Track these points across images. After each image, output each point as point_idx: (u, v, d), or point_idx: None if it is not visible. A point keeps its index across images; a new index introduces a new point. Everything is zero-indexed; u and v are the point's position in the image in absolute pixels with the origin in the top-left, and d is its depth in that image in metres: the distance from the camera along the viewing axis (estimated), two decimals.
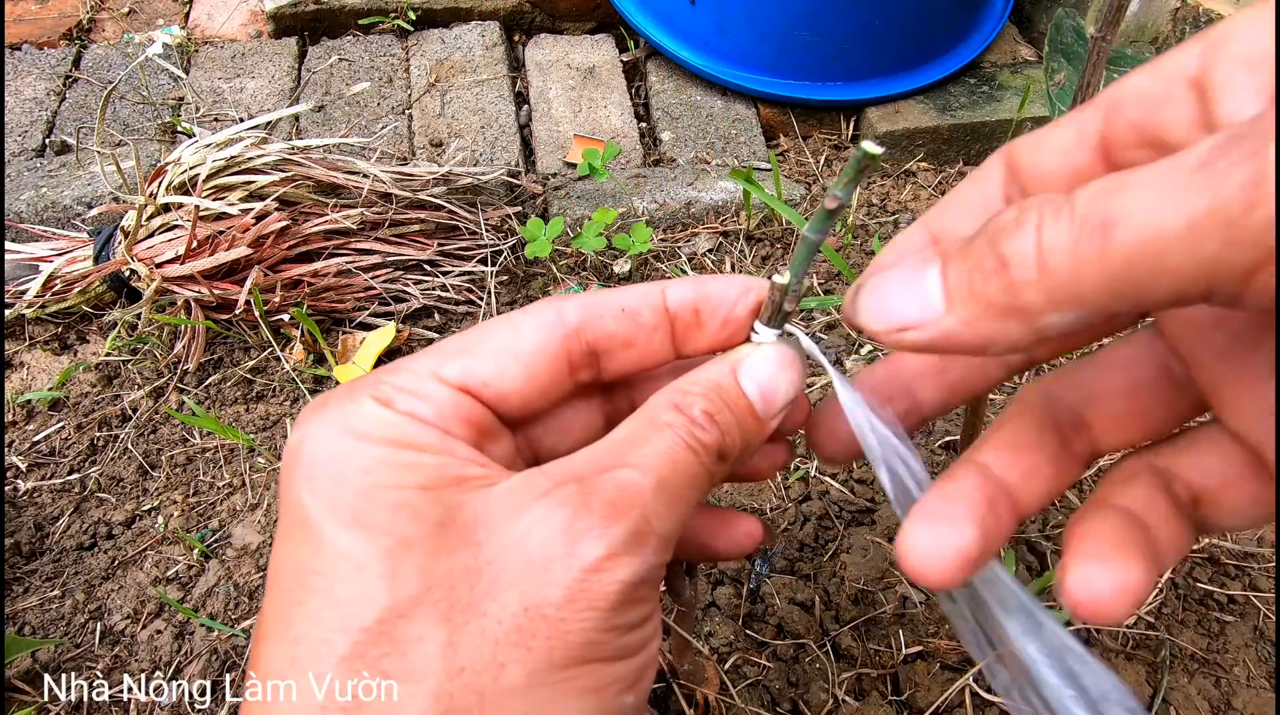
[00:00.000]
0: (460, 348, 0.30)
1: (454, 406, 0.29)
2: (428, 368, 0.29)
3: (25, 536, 0.85)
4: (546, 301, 0.31)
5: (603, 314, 0.31)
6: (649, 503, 0.27)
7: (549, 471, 0.28)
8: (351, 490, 0.26)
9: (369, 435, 0.27)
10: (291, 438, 0.29)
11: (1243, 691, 0.71)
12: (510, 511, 0.26)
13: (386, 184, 1.05)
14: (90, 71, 1.40)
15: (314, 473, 0.27)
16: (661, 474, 0.27)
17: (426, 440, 0.28)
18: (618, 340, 0.32)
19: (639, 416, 0.30)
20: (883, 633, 0.72)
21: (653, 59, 1.48)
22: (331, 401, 0.29)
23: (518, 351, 0.30)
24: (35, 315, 1.03)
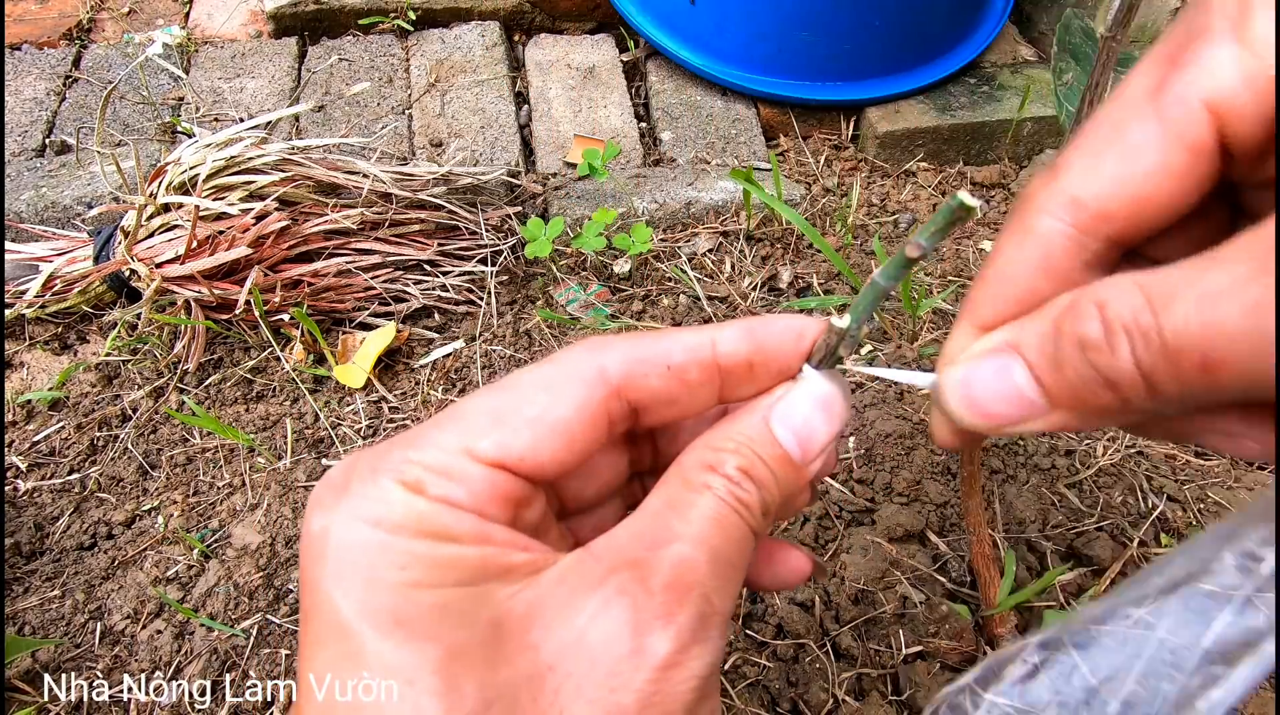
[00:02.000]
0: (491, 416, 0.27)
1: (489, 487, 0.26)
2: (457, 443, 0.26)
3: (25, 536, 0.85)
4: (586, 352, 0.28)
5: (647, 373, 0.28)
6: (706, 580, 0.25)
7: (597, 552, 0.26)
8: (389, 592, 0.24)
9: (402, 527, 0.25)
10: (312, 526, 0.26)
11: None
12: (565, 603, 0.25)
13: (386, 184, 1.05)
14: (90, 71, 1.40)
15: (343, 570, 0.25)
16: (713, 544, 0.26)
17: (464, 529, 0.25)
18: (661, 399, 0.29)
19: (672, 480, 0.28)
20: (883, 633, 0.72)
21: (653, 59, 1.48)
22: (354, 485, 0.26)
23: (556, 419, 0.27)
24: (35, 315, 1.03)
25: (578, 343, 0.29)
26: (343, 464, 0.28)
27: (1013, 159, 1.38)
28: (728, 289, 1.11)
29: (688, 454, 0.29)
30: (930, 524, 0.80)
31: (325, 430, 0.95)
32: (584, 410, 0.27)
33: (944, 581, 0.75)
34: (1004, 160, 1.37)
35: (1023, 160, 1.38)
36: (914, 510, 0.81)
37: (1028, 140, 1.36)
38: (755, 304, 1.09)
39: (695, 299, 1.10)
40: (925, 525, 0.80)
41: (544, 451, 0.27)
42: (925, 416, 0.92)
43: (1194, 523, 0.82)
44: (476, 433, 0.26)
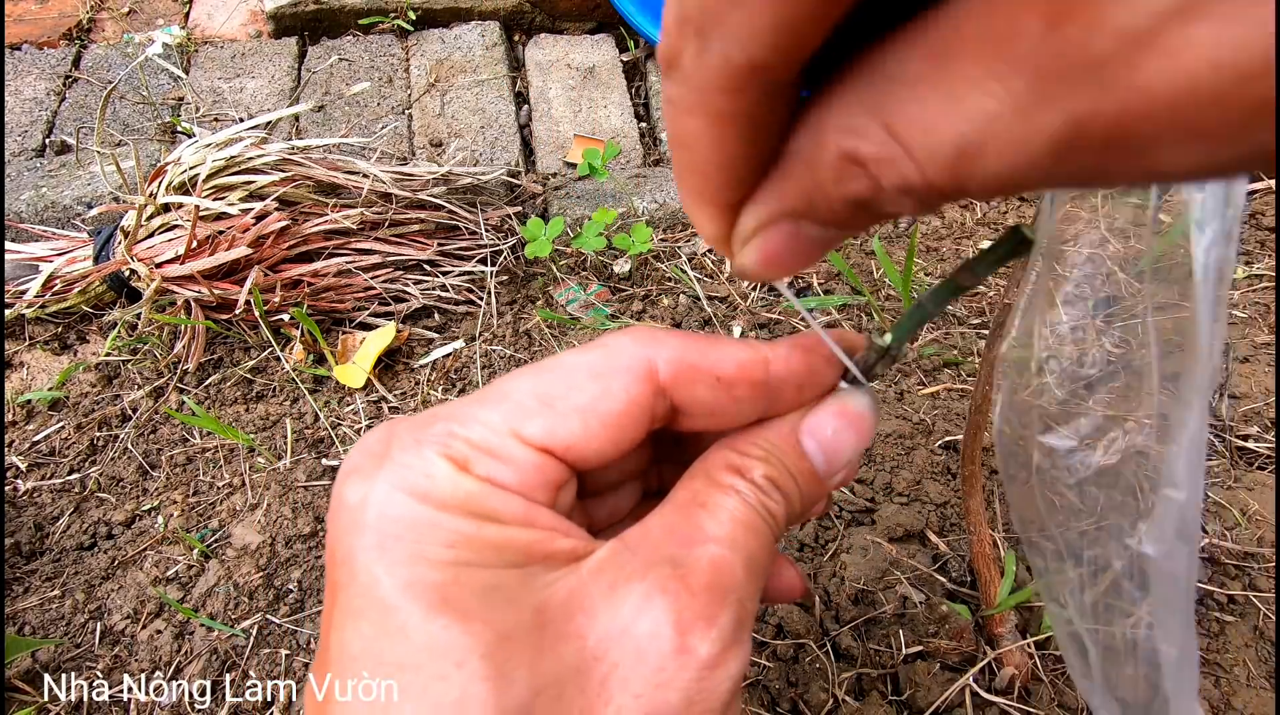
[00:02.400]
0: (539, 399, 0.26)
1: (537, 471, 0.26)
2: (505, 423, 0.26)
3: (25, 536, 0.85)
4: (637, 345, 0.27)
5: (696, 381, 0.28)
6: (742, 584, 0.25)
7: (632, 545, 0.26)
8: (436, 569, 0.23)
9: (448, 504, 0.24)
10: (348, 493, 0.25)
11: (1243, 691, 0.71)
12: (606, 595, 0.24)
13: (386, 184, 1.05)
14: (90, 71, 1.40)
15: (386, 543, 0.24)
16: (748, 549, 0.26)
17: (512, 511, 0.25)
18: (705, 409, 0.28)
19: (697, 475, 0.28)
20: (883, 633, 0.72)
21: (653, 59, 1.48)
22: (395, 451, 0.25)
23: (606, 411, 0.26)
24: (35, 315, 1.03)
25: (626, 331, 0.28)
26: (380, 431, 0.27)
27: None
28: (728, 289, 1.11)
29: (715, 453, 0.28)
30: (930, 524, 0.80)
31: (325, 430, 0.95)
32: (632, 405, 0.27)
33: (944, 581, 0.75)
34: None
35: None
36: (914, 510, 0.81)
37: None
38: (755, 304, 1.09)
39: (695, 299, 1.10)
40: (925, 525, 0.80)
41: (590, 441, 0.26)
42: (925, 417, 0.92)
43: None
44: (524, 414, 0.26)
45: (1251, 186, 1.30)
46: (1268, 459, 0.89)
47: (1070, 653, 0.28)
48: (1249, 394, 0.95)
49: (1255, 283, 1.12)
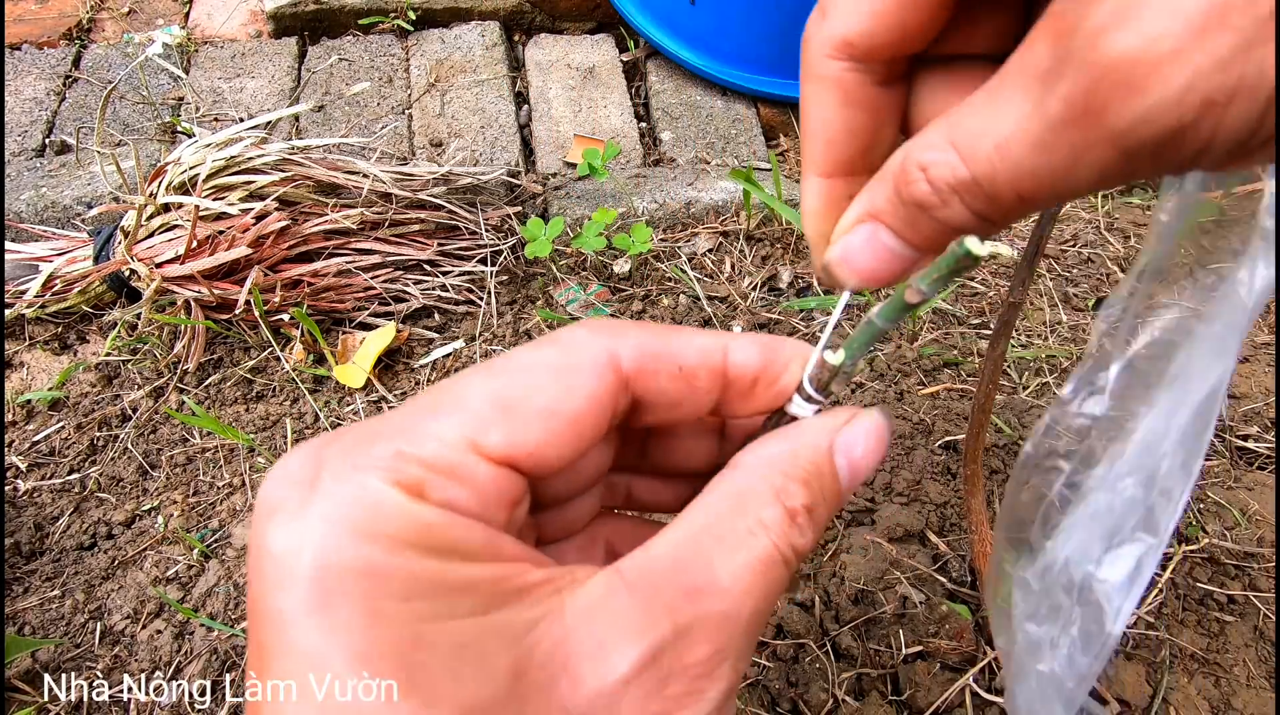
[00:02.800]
0: (496, 403, 0.23)
1: (497, 489, 0.23)
2: (459, 435, 0.22)
3: (25, 536, 0.85)
4: (595, 337, 0.26)
5: (658, 370, 0.26)
6: (739, 644, 0.23)
7: (630, 580, 0.23)
8: (397, 632, 0.19)
9: (402, 541, 0.20)
10: (274, 535, 0.20)
11: (1243, 691, 0.71)
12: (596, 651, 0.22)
13: (386, 184, 1.05)
14: (90, 71, 1.40)
15: (329, 600, 0.19)
16: (756, 603, 0.23)
17: (474, 543, 0.22)
18: (665, 399, 0.27)
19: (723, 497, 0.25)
20: (883, 633, 0.72)
21: (653, 59, 1.48)
22: (328, 484, 0.21)
23: (568, 411, 0.24)
24: (35, 315, 1.03)
25: (582, 324, 0.26)
26: (304, 454, 0.22)
27: None
28: (728, 289, 1.11)
29: (746, 473, 0.26)
30: (930, 524, 0.80)
31: (325, 430, 0.95)
32: (595, 402, 0.24)
33: (944, 581, 0.75)
34: None
35: None
36: (914, 510, 0.81)
37: None
38: (755, 304, 1.09)
39: (695, 299, 1.10)
40: (925, 525, 0.80)
41: (553, 447, 0.24)
42: (925, 417, 0.92)
43: (1193, 523, 0.82)
44: (483, 423, 0.23)
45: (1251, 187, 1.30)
46: (1268, 459, 0.89)
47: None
48: (1249, 394, 0.95)
49: None
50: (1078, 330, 1.06)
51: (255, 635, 0.21)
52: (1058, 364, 1.01)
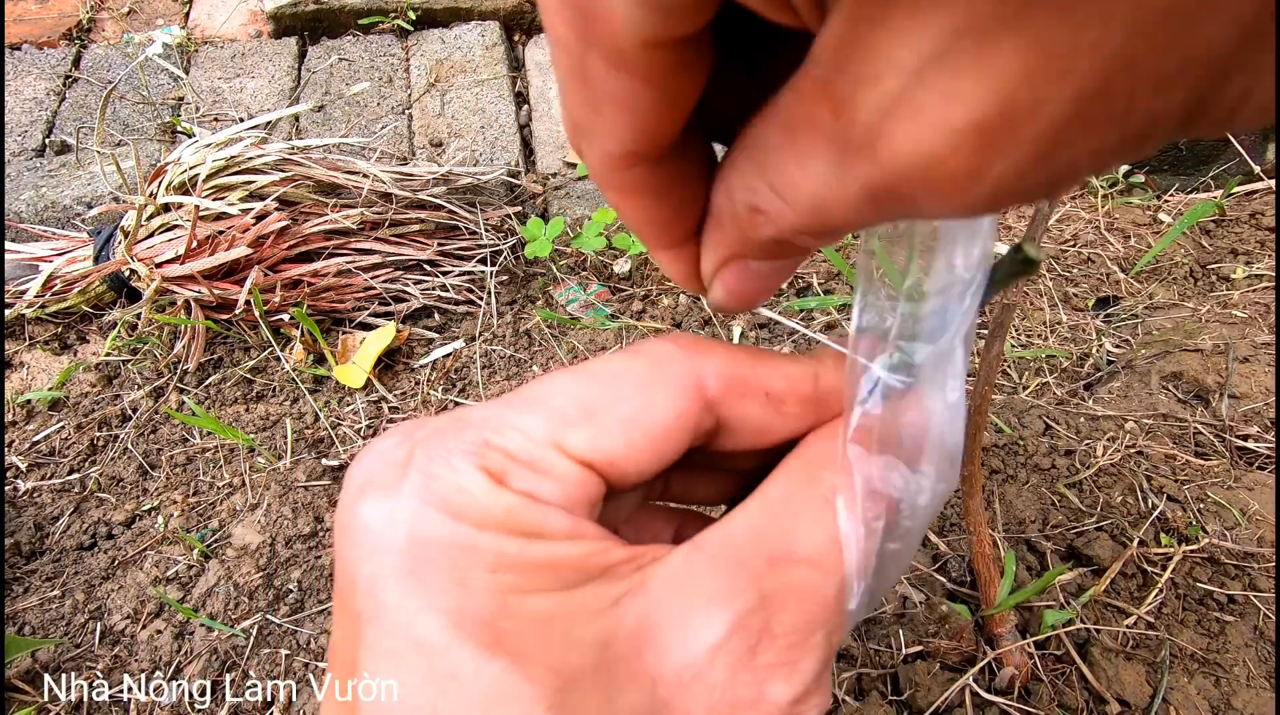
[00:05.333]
0: (582, 408, 0.24)
1: (580, 486, 0.23)
2: (544, 432, 0.23)
3: (25, 536, 0.85)
4: (683, 354, 0.25)
5: (745, 395, 0.26)
6: (831, 616, 0.23)
7: (711, 552, 0.23)
8: (482, 599, 0.20)
9: (488, 521, 0.21)
10: (368, 508, 0.22)
11: (1243, 691, 0.71)
12: (679, 622, 0.22)
13: (386, 184, 1.05)
14: (90, 71, 1.40)
15: (421, 569, 0.20)
16: (840, 577, 0.23)
17: (556, 526, 0.22)
18: (751, 425, 0.26)
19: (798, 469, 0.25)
20: (883, 633, 0.72)
21: None
22: (421, 463, 0.22)
23: (650, 425, 0.24)
24: (35, 315, 1.03)
25: (670, 339, 0.26)
26: (398, 436, 0.23)
27: None
28: None
29: (818, 441, 0.26)
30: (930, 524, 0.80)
31: (325, 430, 0.95)
32: (680, 420, 0.24)
33: (944, 581, 0.75)
34: None
35: None
36: None
37: None
38: None
39: (695, 299, 1.10)
40: None
41: (633, 457, 0.24)
42: None
43: (1194, 523, 0.82)
44: (566, 423, 0.23)
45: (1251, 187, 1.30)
46: (1268, 459, 0.89)
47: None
48: (1249, 394, 0.95)
49: (1255, 283, 1.12)
50: (1078, 330, 1.06)
51: (348, 603, 0.22)
52: (1057, 364, 1.01)
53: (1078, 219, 1.25)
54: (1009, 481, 0.85)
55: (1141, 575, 0.78)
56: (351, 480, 0.23)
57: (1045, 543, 0.79)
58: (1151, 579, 0.77)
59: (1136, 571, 0.78)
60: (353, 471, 0.23)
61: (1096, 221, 1.24)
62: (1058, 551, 0.79)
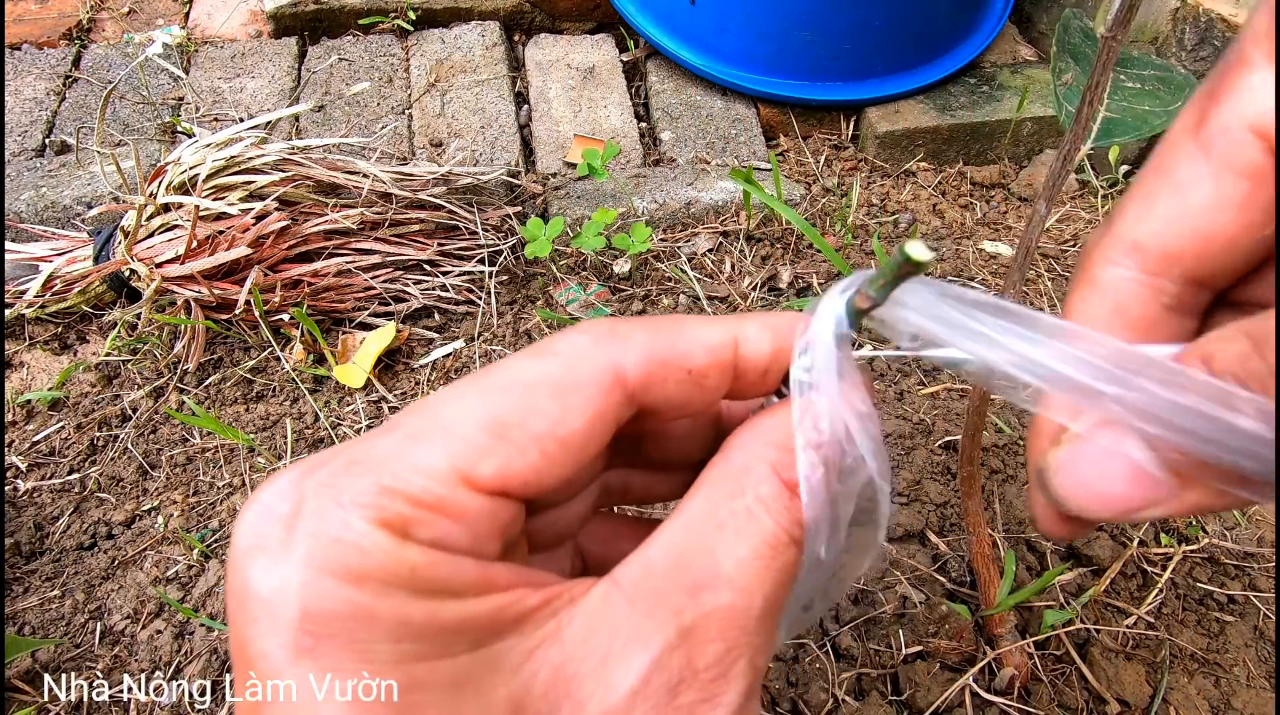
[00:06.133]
0: (490, 430, 0.21)
1: (489, 520, 0.21)
2: (448, 466, 0.21)
3: (25, 536, 0.85)
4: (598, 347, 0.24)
5: (667, 378, 0.24)
6: (754, 639, 0.22)
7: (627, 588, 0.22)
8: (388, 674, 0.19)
9: (390, 582, 0.19)
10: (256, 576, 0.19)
11: (1243, 691, 0.71)
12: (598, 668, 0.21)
13: (386, 184, 1.05)
14: (90, 71, 1.40)
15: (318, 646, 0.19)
16: (766, 592, 0.22)
17: (465, 579, 0.20)
18: (674, 404, 0.25)
19: (721, 480, 0.24)
20: (883, 633, 0.72)
21: (653, 59, 1.48)
22: (309, 522, 0.20)
23: (567, 435, 0.22)
24: (35, 315, 1.03)
25: (583, 329, 0.24)
26: (284, 485, 0.21)
27: (1012, 159, 1.38)
28: (728, 289, 1.11)
29: (740, 451, 0.24)
30: (930, 524, 0.80)
31: (325, 430, 0.95)
32: (598, 421, 0.23)
33: (944, 581, 0.75)
34: (1004, 160, 1.37)
35: (1022, 160, 1.38)
36: (914, 510, 0.81)
37: (1027, 140, 1.36)
38: (755, 304, 1.09)
39: (695, 299, 1.10)
40: (925, 525, 0.80)
41: (551, 472, 0.22)
42: (925, 417, 0.92)
43: (1193, 522, 0.82)
44: (473, 452, 0.21)
45: None
46: None
47: None
48: None
49: None
50: None
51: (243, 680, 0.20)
52: None
53: (1078, 219, 1.25)
54: (1009, 481, 0.85)
55: (1141, 575, 0.78)
56: (238, 540, 0.20)
57: (1045, 543, 0.79)
58: (1151, 579, 0.77)
59: (1136, 571, 0.78)
60: (239, 528, 0.20)
61: (1096, 221, 1.24)
62: (1057, 551, 0.79)
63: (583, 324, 0.25)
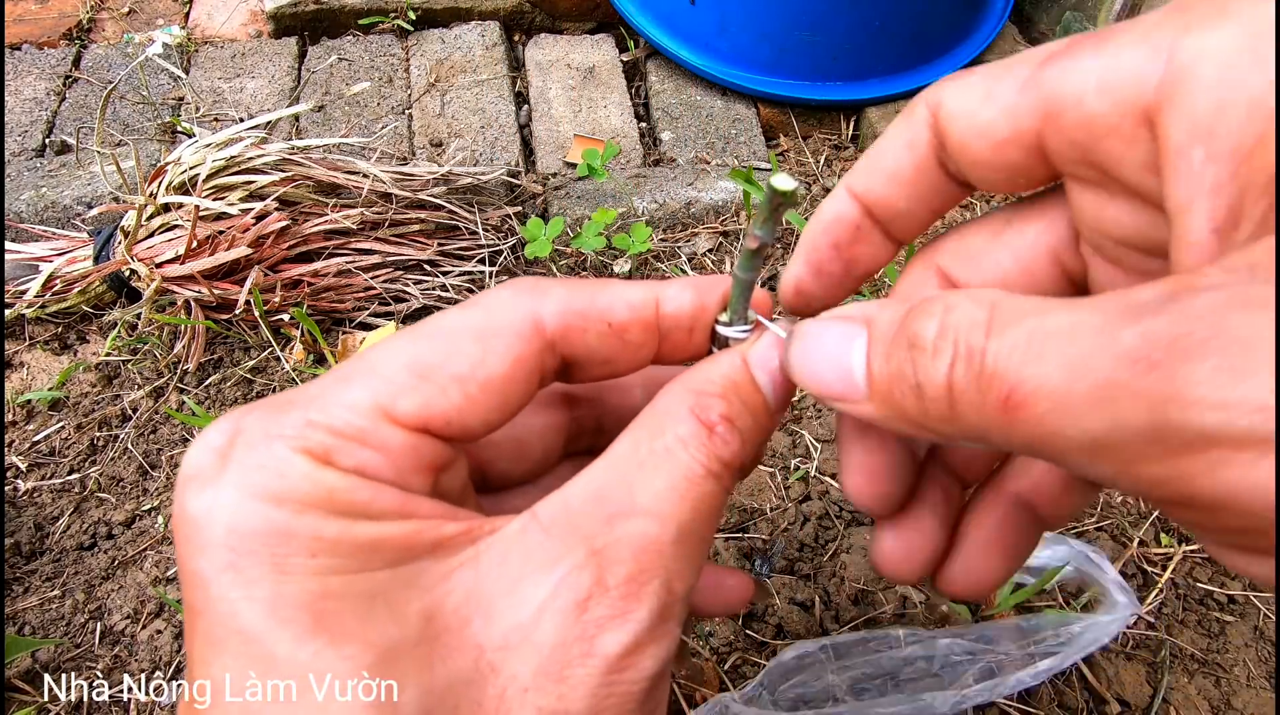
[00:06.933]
0: (412, 370, 0.23)
1: (412, 454, 0.23)
2: (370, 402, 0.22)
3: (25, 536, 0.85)
4: (517, 297, 0.25)
5: (586, 329, 0.26)
6: (670, 563, 0.23)
7: (545, 522, 0.23)
8: (301, 583, 0.20)
9: (308, 504, 0.21)
10: (190, 504, 0.21)
11: (1243, 691, 0.71)
12: (508, 590, 0.22)
13: (386, 184, 1.05)
14: (90, 71, 1.40)
15: (240, 559, 0.20)
16: (681, 520, 0.23)
17: (384, 504, 0.22)
18: (597, 357, 0.27)
19: (644, 423, 0.25)
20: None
21: (653, 59, 1.48)
22: (240, 452, 0.22)
23: (488, 376, 0.24)
24: (35, 315, 1.03)
25: (507, 284, 0.26)
26: (224, 424, 0.23)
27: None
28: None
29: (667, 396, 0.25)
30: None
31: None
32: (518, 366, 0.24)
33: None
34: None
35: None
36: None
37: None
38: None
39: None
40: None
41: (473, 412, 0.24)
42: None
43: None
44: (395, 390, 0.23)
45: None
46: None
47: None
48: None
49: None
50: None
51: (185, 595, 0.22)
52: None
53: None
54: None
55: (1142, 575, 0.78)
56: (181, 471, 0.23)
57: None
58: (1152, 579, 0.77)
59: (1137, 571, 0.78)
60: (183, 462, 0.23)
61: None
62: None
63: (510, 281, 0.27)
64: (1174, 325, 0.15)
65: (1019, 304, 0.18)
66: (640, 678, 0.22)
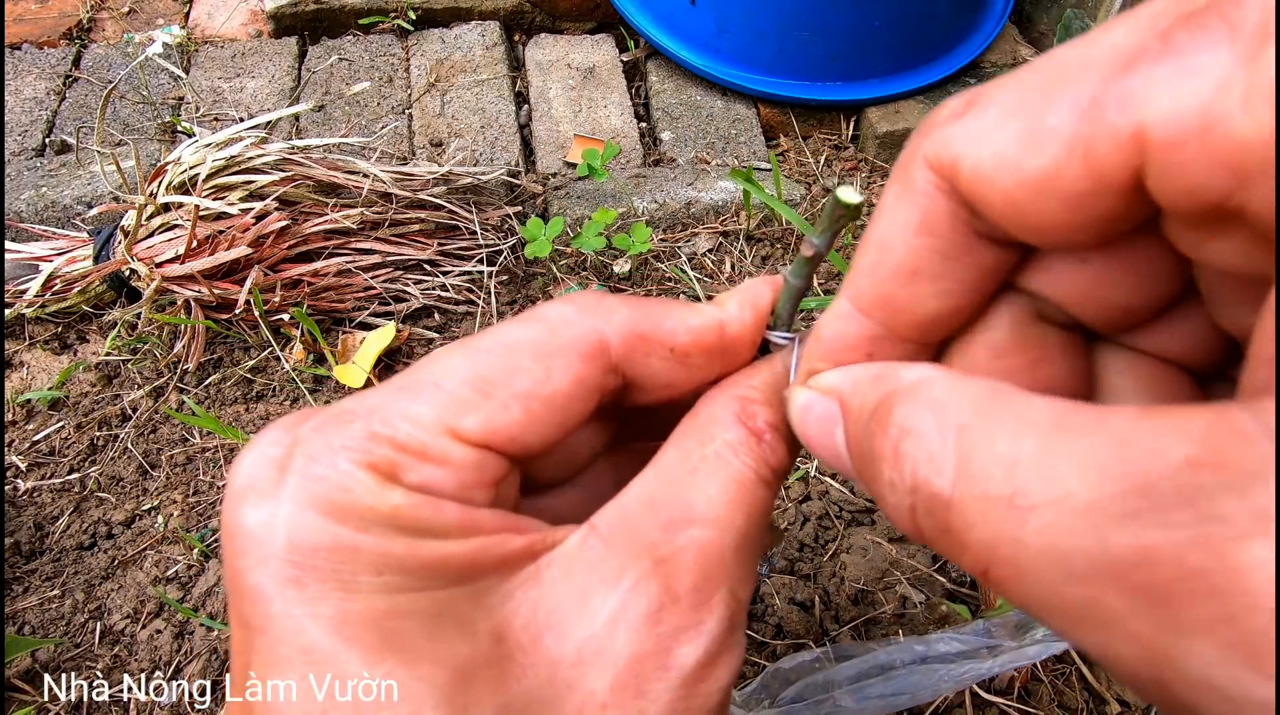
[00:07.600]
0: (477, 386, 0.23)
1: (476, 470, 0.22)
2: (437, 418, 0.22)
3: (25, 536, 0.85)
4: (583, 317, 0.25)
5: (649, 353, 0.25)
6: (732, 570, 0.22)
7: (605, 532, 0.23)
8: (368, 602, 0.20)
9: (372, 520, 0.20)
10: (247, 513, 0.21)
11: None
12: (577, 604, 0.21)
13: (386, 184, 1.05)
14: (90, 71, 1.40)
15: (303, 575, 0.20)
16: (738, 526, 0.23)
17: (447, 522, 0.21)
18: (659, 382, 0.26)
19: (690, 430, 0.25)
20: (883, 633, 0.72)
21: (653, 59, 1.48)
22: (301, 464, 0.21)
23: (550, 395, 0.23)
24: (35, 315, 1.03)
25: (569, 300, 0.26)
26: (279, 433, 0.22)
27: None
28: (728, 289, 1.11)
29: (708, 403, 0.25)
30: None
31: None
32: (580, 385, 0.24)
33: (944, 581, 0.75)
34: None
35: None
36: None
37: None
38: None
39: (695, 299, 1.10)
40: None
41: (535, 430, 0.23)
42: None
43: None
44: (460, 406, 0.22)
45: None
46: None
47: None
48: None
49: None
50: None
51: (238, 610, 0.21)
52: None
53: None
54: None
55: None
56: (233, 482, 0.22)
57: None
58: None
59: None
60: (234, 471, 0.22)
61: None
62: None
63: (570, 295, 0.26)
64: (1182, 544, 0.12)
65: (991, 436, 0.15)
66: (716, 689, 0.22)
